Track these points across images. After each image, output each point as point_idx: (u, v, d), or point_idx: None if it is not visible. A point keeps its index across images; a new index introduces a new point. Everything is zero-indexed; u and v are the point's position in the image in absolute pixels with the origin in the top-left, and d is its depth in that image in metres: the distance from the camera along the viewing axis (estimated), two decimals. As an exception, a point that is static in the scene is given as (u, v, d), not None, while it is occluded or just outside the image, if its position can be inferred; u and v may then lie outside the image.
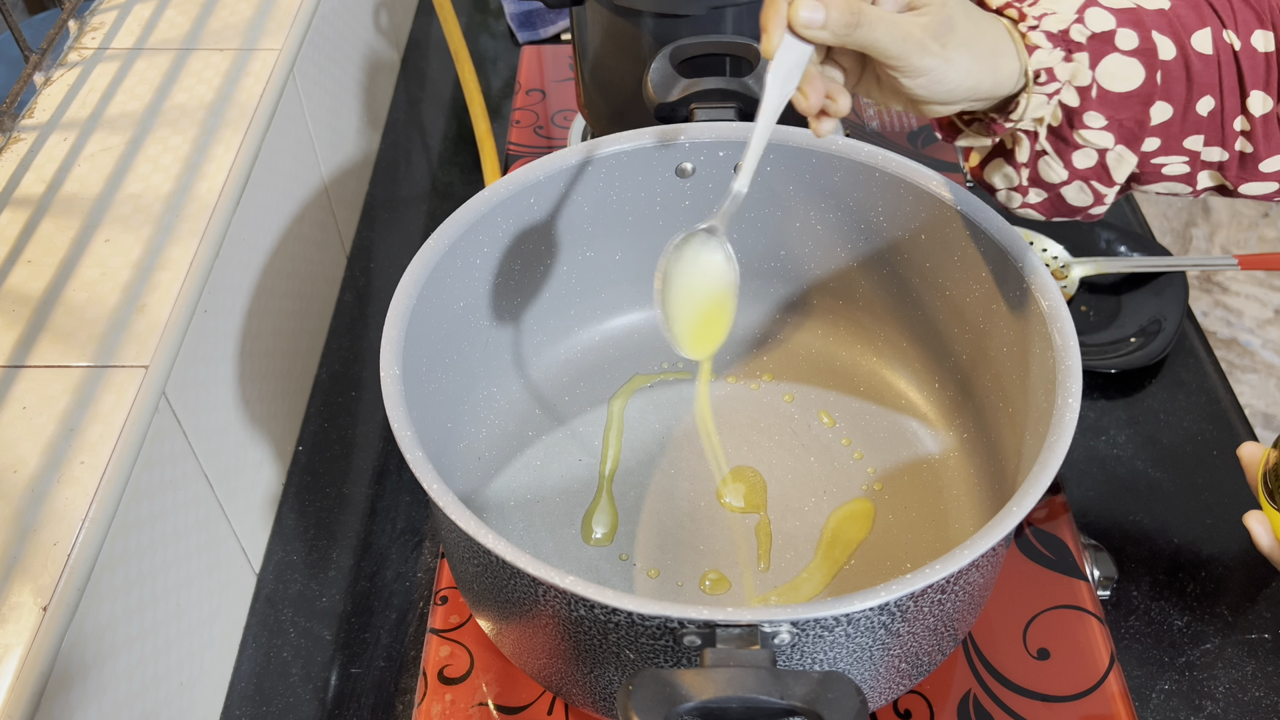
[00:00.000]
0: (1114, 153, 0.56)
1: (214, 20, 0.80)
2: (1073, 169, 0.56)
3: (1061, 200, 0.58)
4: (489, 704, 0.60)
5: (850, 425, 0.70)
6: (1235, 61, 0.54)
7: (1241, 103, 0.54)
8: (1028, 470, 0.50)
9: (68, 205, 0.66)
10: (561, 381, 0.73)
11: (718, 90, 0.66)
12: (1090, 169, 0.56)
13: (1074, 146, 0.55)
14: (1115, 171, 0.56)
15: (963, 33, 0.51)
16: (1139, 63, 0.54)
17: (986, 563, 0.52)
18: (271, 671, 0.68)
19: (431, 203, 0.99)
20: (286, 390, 0.78)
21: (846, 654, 0.49)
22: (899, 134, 0.93)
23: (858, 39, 0.49)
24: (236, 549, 0.69)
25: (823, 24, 0.49)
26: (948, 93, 0.52)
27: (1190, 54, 0.54)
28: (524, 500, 0.67)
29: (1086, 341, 0.83)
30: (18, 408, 0.56)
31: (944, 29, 0.50)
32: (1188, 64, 0.54)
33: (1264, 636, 0.67)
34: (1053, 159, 0.56)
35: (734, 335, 0.75)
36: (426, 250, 0.61)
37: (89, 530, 0.51)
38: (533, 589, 0.49)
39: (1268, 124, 0.54)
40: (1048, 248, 0.88)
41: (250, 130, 0.71)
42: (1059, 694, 0.60)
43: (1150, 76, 0.54)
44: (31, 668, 0.47)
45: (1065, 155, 0.56)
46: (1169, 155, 0.56)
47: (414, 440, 0.51)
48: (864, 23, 0.49)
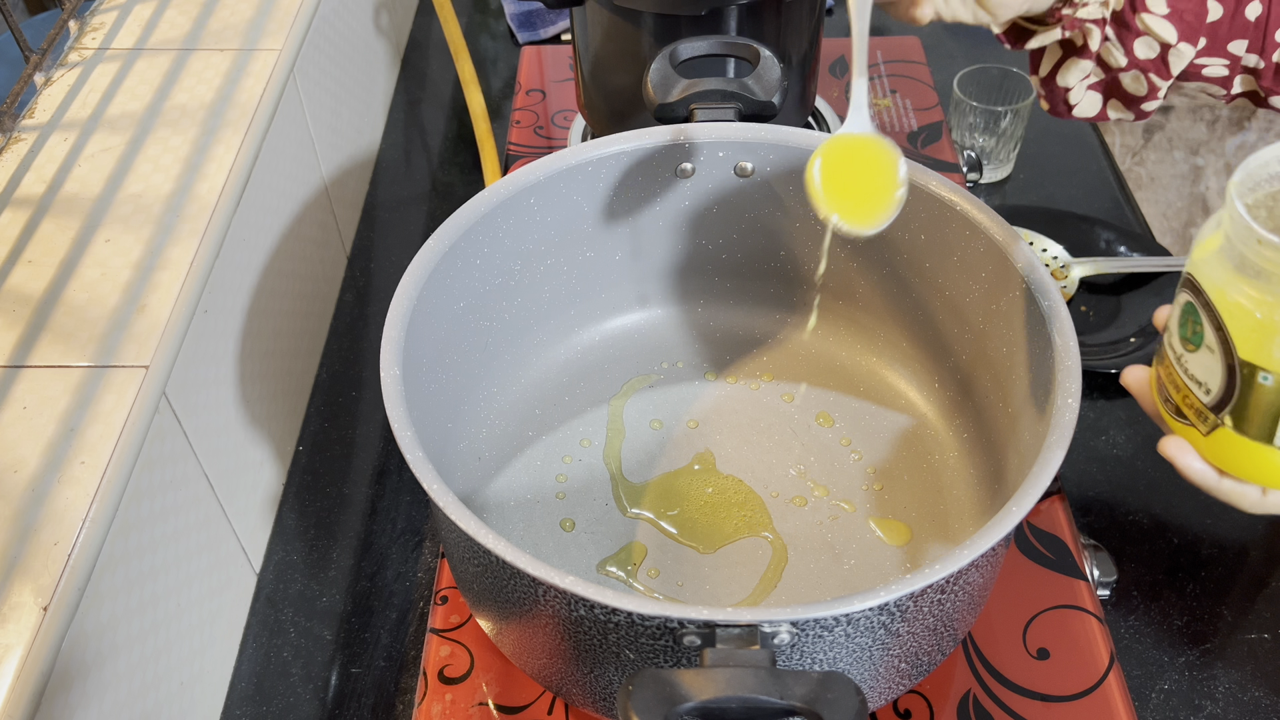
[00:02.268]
0: (1176, 50, 0.58)
1: (214, 20, 0.80)
2: (1132, 56, 0.58)
3: (1117, 85, 0.60)
4: (489, 704, 0.60)
5: (850, 425, 0.70)
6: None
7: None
8: (1028, 470, 0.50)
9: (68, 205, 0.66)
10: (561, 381, 0.73)
11: (718, 90, 0.66)
12: (1149, 60, 0.58)
13: (1136, 33, 0.58)
14: (1174, 65, 0.58)
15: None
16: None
17: (986, 563, 0.52)
18: (272, 671, 0.68)
19: (431, 203, 0.99)
20: (287, 390, 0.78)
21: (846, 654, 0.49)
22: (899, 134, 0.93)
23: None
24: (237, 549, 0.69)
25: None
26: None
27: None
28: (524, 500, 0.67)
29: (1086, 341, 0.83)
30: (18, 408, 0.56)
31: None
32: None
33: (1264, 636, 0.67)
34: (1114, 45, 0.58)
35: (734, 335, 0.75)
36: (426, 250, 0.61)
37: (89, 530, 0.51)
38: (533, 589, 0.49)
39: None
40: (1048, 248, 0.88)
41: (250, 130, 0.71)
42: (1059, 694, 0.60)
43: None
44: (32, 668, 0.47)
45: (1127, 41, 0.58)
46: (1212, 56, 0.58)
47: (414, 440, 0.51)
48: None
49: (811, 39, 0.80)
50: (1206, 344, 0.47)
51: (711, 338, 0.75)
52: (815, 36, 0.81)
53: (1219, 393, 0.48)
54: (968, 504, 0.65)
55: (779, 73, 0.66)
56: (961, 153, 0.93)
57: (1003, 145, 0.96)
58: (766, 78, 0.66)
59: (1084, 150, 1.02)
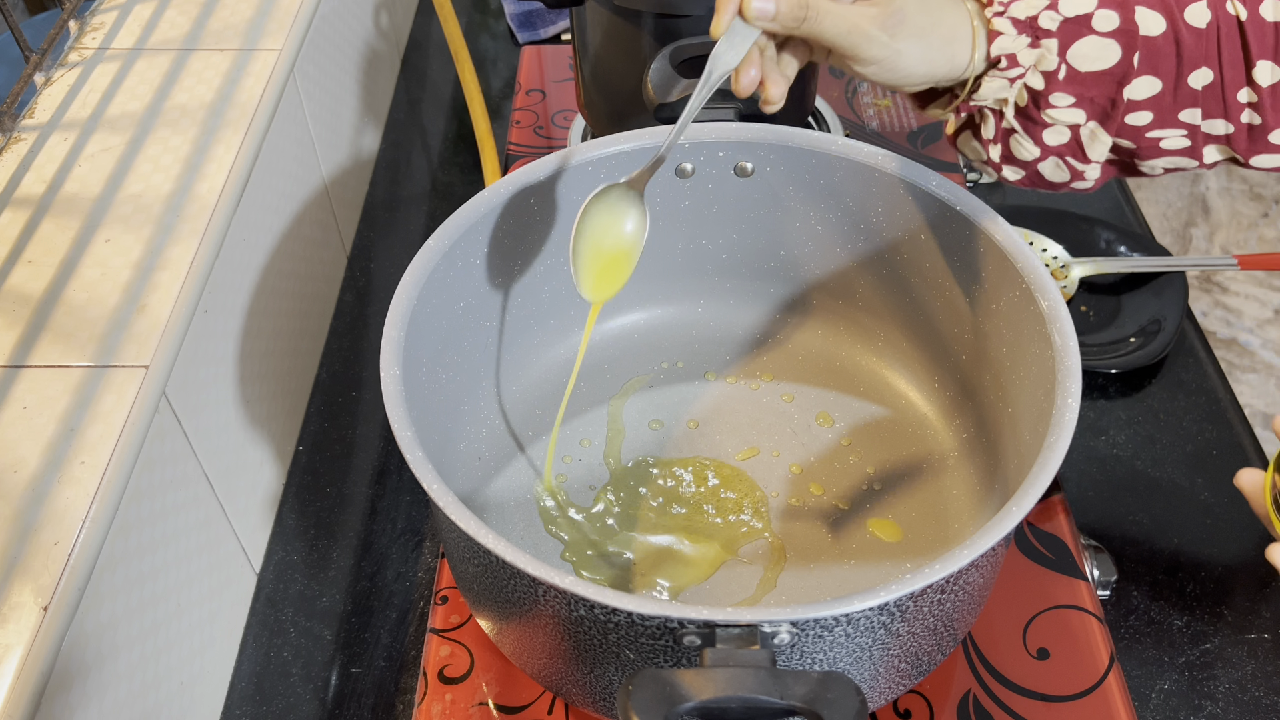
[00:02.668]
0: (1086, 129, 0.56)
1: (214, 20, 0.80)
2: (1044, 146, 0.57)
3: (1040, 176, 0.59)
4: (489, 704, 0.60)
5: (850, 425, 0.70)
6: (1240, 32, 0.54)
7: (1247, 73, 0.54)
8: (1028, 470, 0.50)
9: (68, 205, 0.66)
10: (561, 381, 0.73)
11: (717, 90, 0.66)
12: (1064, 145, 0.57)
13: (1043, 125, 0.56)
14: (1090, 149, 0.57)
15: (914, 23, 0.52)
16: (1116, 42, 0.54)
17: (986, 563, 0.52)
18: (272, 671, 0.68)
19: (431, 203, 0.99)
20: (287, 390, 0.78)
21: (846, 654, 0.49)
22: (899, 134, 0.93)
23: (805, 30, 0.51)
24: (237, 549, 0.69)
25: (773, 15, 0.51)
26: (902, 79, 0.53)
27: (1181, 27, 0.54)
28: (524, 500, 0.67)
29: (1086, 341, 0.83)
30: (18, 408, 0.56)
31: (893, 21, 0.52)
32: (1178, 38, 0.54)
33: (1264, 636, 0.67)
34: (1023, 137, 0.57)
35: (734, 335, 0.75)
36: (426, 250, 0.61)
37: (89, 530, 0.51)
38: (533, 589, 0.49)
39: (1276, 94, 0.54)
40: (1048, 248, 0.88)
41: (250, 130, 0.71)
42: (1059, 694, 0.60)
43: (1127, 56, 0.54)
44: (32, 668, 0.47)
45: (1035, 133, 0.57)
46: (1165, 129, 0.56)
47: (414, 440, 0.51)
48: (811, 16, 0.51)
49: (811, 39, 0.80)
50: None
51: (711, 338, 0.75)
52: (815, 36, 0.81)
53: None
54: (967, 504, 0.65)
55: (779, 73, 0.66)
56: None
57: (1003, 145, 0.96)
58: (766, 78, 0.66)
59: (1084, 150, 1.02)
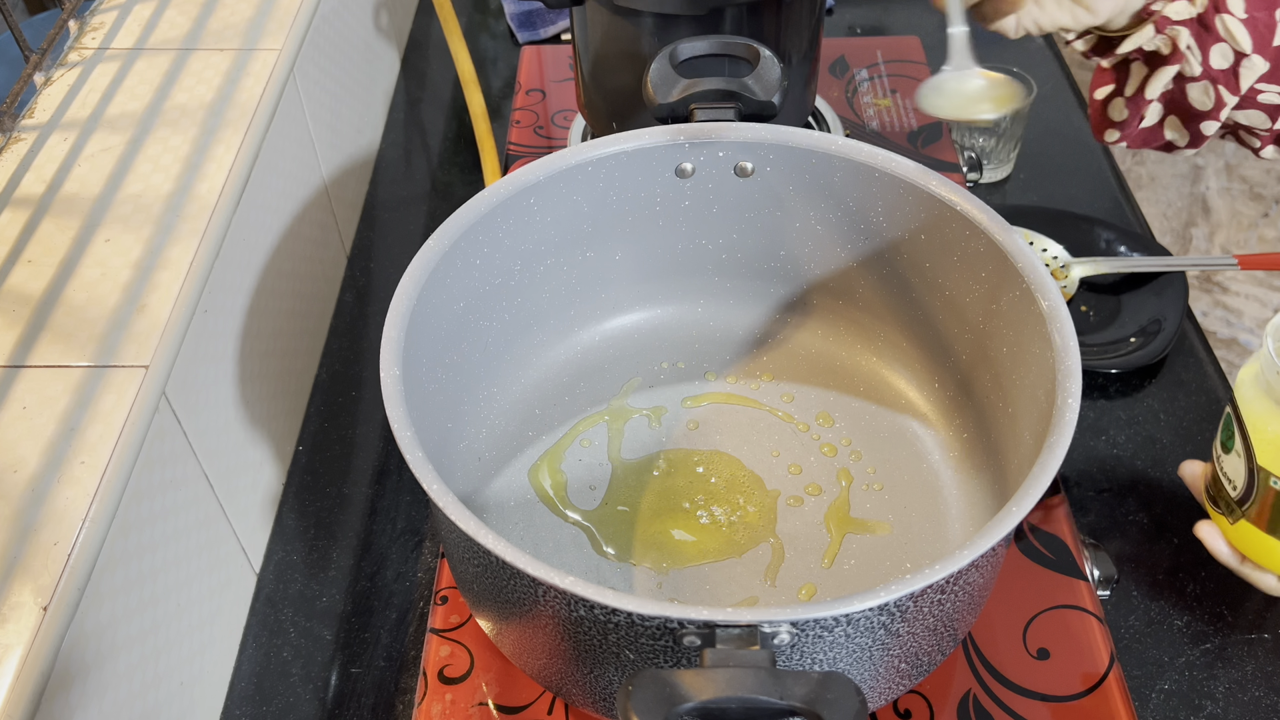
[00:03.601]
0: (1249, 60, 0.59)
1: (214, 20, 0.80)
2: (1207, 65, 0.59)
3: (1183, 99, 0.62)
4: (489, 704, 0.60)
5: (850, 425, 0.70)
6: None
7: None
8: (1028, 470, 0.50)
9: (68, 205, 0.66)
10: (561, 381, 0.73)
11: (718, 90, 0.66)
12: (1222, 71, 0.59)
13: (1215, 38, 0.59)
14: (1244, 78, 0.60)
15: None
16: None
17: (986, 563, 0.52)
18: (271, 671, 0.68)
19: (431, 203, 0.99)
20: (286, 390, 0.78)
21: (846, 654, 0.49)
22: (899, 134, 0.93)
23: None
24: (236, 549, 0.69)
25: None
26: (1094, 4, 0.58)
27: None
28: (524, 500, 0.67)
29: (1086, 341, 0.83)
30: (18, 408, 0.56)
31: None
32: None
33: (1264, 636, 0.67)
34: (1193, 51, 0.60)
35: (734, 335, 0.75)
36: (426, 250, 0.61)
37: (89, 530, 0.51)
38: (533, 589, 0.49)
39: None
40: (1048, 248, 0.88)
41: (250, 130, 0.71)
42: (1059, 694, 0.60)
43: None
44: (32, 668, 0.47)
45: (1205, 46, 0.59)
46: (1272, 82, 0.60)
47: (414, 440, 0.51)
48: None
49: (811, 39, 0.80)
50: (1236, 449, 0.59)
51: (711, 338, 0.75)
52: (815, 36, 0.81)
53: (1243, 490, 0.59)
54: (967, 504, 0.65)
55: (779, 73, 0.66)
56: (962, 153, 0.93)
57: (1003, 145, 0.96)
58: (766, 78, 0.66)
59: (1084, 150, 1.02)
